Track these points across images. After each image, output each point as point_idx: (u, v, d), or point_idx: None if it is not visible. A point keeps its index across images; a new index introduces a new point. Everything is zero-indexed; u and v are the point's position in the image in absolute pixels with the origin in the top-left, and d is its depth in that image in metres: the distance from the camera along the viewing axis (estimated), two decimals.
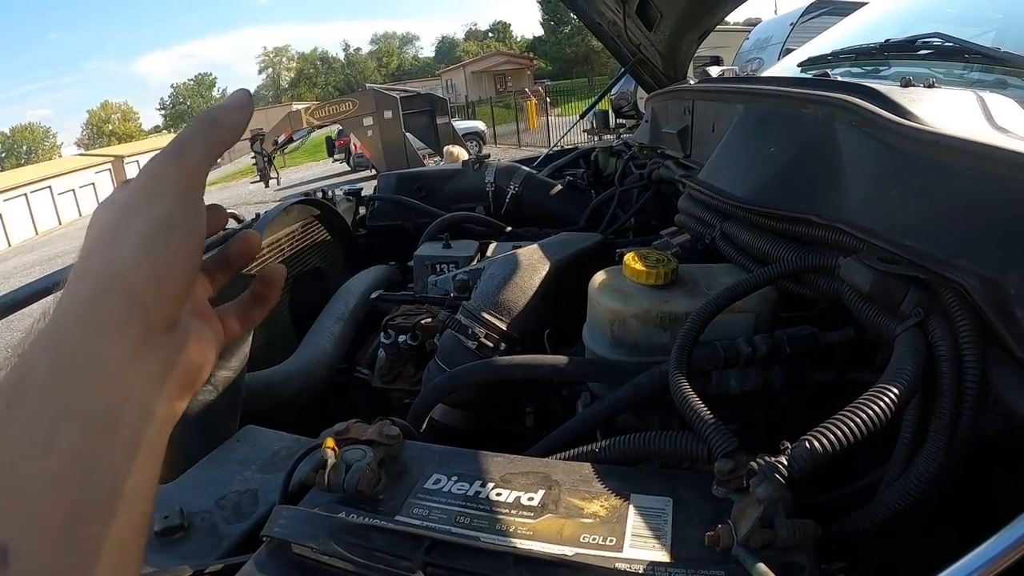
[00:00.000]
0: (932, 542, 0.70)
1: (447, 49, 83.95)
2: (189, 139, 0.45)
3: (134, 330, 0.40)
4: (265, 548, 0.69)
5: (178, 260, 0.42)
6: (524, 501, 0.73)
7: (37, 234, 29.66)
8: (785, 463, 0.60)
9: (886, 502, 0.67)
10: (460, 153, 6.37)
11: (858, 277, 0.78)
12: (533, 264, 1.33)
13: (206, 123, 0.46)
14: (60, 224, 32.10)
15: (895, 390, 0.64)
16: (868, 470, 0.77)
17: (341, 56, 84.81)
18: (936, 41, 1.50)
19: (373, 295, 1.71)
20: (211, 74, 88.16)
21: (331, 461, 0.76)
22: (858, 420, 0.61)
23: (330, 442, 0.79)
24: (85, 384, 0.38)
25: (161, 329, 0.42)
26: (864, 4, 2.51)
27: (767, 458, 0.61)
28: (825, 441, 0.60)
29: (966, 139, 0.76)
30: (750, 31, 12.57)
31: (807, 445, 0.60)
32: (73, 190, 34.73)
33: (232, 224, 2.51)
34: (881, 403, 0.62)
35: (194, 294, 0.49)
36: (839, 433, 0.60)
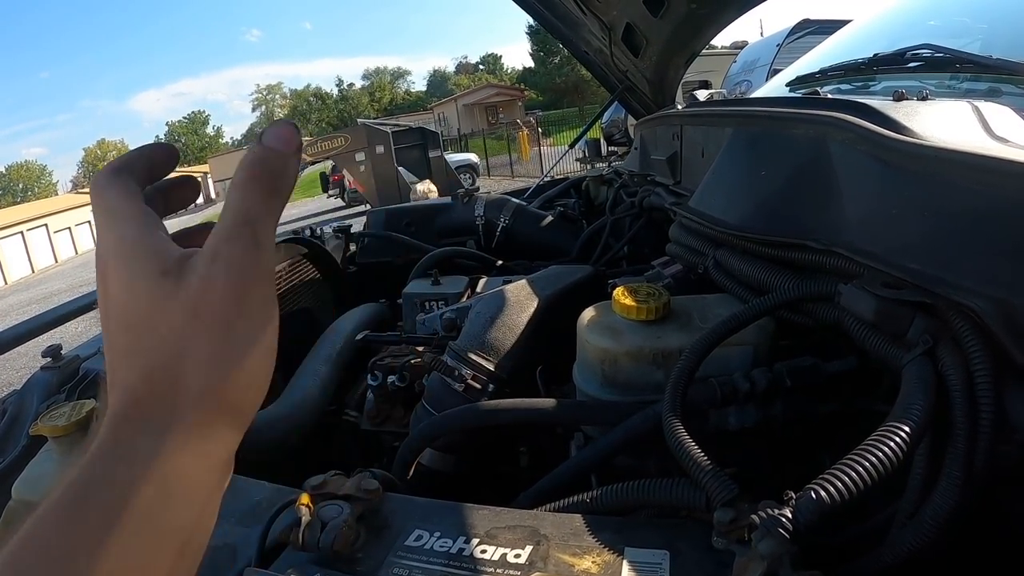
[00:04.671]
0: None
1: (438, 83, 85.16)
2: (258, 217, 0.37)
3: (228, 457, 0.38)
4: None
5: (268, 380, 0.38)
6: (511, 559, 0.68)
7: (34, 272, 29.84)
8: (789, 516, 0.55)
9: (899, 544, 0.61)
10: (428, 189, 6.40)
11: (860, 305, 0.73)
12: (521, 301, 1.28)
13: (266, 179, 0.38)
14: (56, 262, 32.37)
15: (906, 428, 0.59)
16: (879, 503, 0.71)
17: (334, 92, 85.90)
18: (926, 52, 1.47)
19: (358, 337, 1.66)
20: (204, 112, 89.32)
21: (305, 519, 0.72)
22: (867, 464, 0.56)
23: (305, 498, 0.75)
24: (184, 511, 0.35)
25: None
26: (850, 22, 2.50)
27: (770, 510, 0.56)
28: (832, 489, 0.55)
29: (968, 152, 0.73)
30: (737, 54, 12.76)
31: (812, 495, 0.55)
32: (69, 228, 35.10)
33: None
34: (891, 444, 0.57)
35: None
36: (847, 480, 0.55)
